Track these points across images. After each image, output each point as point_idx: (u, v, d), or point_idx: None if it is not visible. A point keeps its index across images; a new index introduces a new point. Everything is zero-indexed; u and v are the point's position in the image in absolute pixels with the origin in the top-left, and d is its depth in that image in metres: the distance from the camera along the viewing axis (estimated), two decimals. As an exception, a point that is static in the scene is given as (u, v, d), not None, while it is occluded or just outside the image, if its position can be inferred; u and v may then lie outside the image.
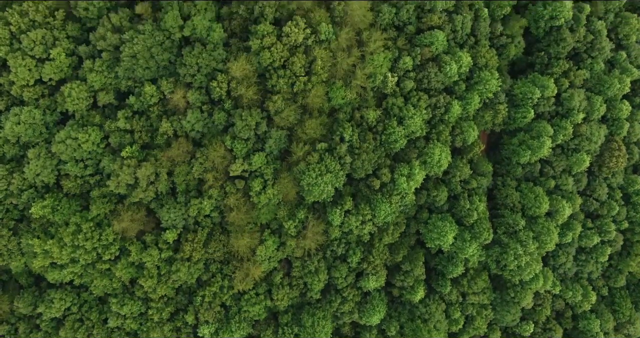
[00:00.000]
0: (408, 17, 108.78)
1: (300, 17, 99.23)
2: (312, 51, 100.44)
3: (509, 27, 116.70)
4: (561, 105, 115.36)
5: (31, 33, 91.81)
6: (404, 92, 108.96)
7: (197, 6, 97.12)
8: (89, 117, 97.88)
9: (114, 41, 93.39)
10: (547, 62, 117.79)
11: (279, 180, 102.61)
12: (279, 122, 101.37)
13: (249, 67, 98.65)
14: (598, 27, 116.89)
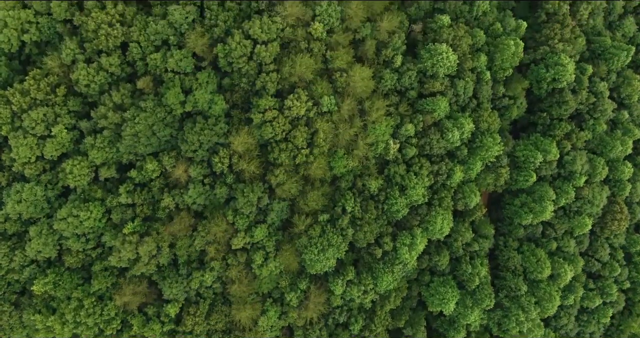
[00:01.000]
0: (410, 82, 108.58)
1: (302, 90, 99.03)
2: (314, 123, 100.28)
3: (511, 88, 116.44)
4: (563, 167, 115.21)
5: (32, 112, 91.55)
6: (405, 158, 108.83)
7: (198, 80, 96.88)
8: (90, 191, 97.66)
9: (115, 120, 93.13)
10: (549, 123, 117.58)
11: (280, 252, 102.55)
12: (280, 194, 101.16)
13: (250, 141, 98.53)
14: (600, 89, 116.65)
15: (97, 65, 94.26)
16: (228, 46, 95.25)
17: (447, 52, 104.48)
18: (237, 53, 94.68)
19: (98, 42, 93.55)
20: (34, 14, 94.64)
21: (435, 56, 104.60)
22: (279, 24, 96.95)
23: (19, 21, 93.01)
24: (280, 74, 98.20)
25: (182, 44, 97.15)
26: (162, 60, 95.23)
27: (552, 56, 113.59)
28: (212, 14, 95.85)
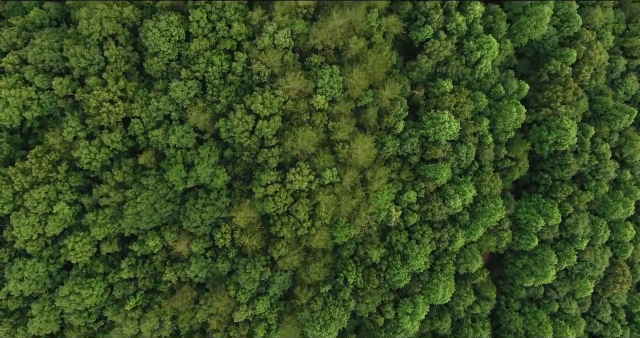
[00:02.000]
0: (412, 149, 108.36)
1: (303, 163, 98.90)
2: (315, 195, 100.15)
3: (513, 150, 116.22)
4: (565, 230, 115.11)
5: (34, 191, 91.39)
6: (407, 225, 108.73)
7: (200, 154, 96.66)
8: (92, 266, 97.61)
9: (117, 199, 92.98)
10: (552, 184, 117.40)
11: (282, 323, 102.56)
12: (282, 266, 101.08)
13: (252, 214, 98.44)
14: (602, 150, 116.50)
15: (99, 142, 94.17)
16: (230, 122, 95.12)
17: (450, 120, 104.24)
18: (239, 129, 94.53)
19: (100, 119, 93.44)
20: (35, 91, 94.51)
21: (437, 125, 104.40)
22: (280, 97, 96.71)
23: (21, 99, 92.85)
24: (282, 147, 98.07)
25: (183, 119, 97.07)
26: (163, 136, 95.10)
27: (554, 119, 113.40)
28: (214, 91, 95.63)
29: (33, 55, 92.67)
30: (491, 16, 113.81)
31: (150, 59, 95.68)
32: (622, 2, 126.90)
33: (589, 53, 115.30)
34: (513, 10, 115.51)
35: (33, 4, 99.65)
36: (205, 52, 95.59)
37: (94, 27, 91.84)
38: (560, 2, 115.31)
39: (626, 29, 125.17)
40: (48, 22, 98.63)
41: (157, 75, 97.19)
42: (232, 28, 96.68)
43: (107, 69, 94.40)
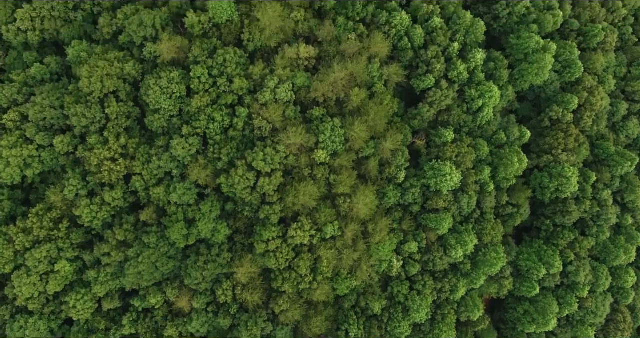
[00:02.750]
0: (414, 199, 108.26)
1: (305, 218, 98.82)
2: (317, 250, 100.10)
3: (514, 197, 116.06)
4: (567, 277, 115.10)
5: (35, 251, 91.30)
6: (409, 274, 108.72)
7: (202, 210, 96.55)
8: (94, 322, 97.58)
9: (119, 258, 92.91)
10: (553, 230, 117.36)
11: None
12: (284, 320, 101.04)
13: (254, 269, 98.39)
14: (604, 197, 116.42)
15: (100, 200, 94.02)
16: (231, 178, 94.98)
17: (451, 172, 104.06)
18: (240, 186, 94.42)
19: (101, 176, 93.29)
20: (36, 148, 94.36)
21: (439, 176, 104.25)
22: (282, 153, 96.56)
23: (22, 158, 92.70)
24: (283, 202, 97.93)
25: (185, 175, 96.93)
26: (165, 194, 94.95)
27: (556, 166, 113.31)
28: (215, 147, 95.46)
29: (34, 114, 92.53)
30: (492, 63, 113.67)
31: (152, 115, 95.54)
32: (624, 44, 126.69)
33: (590, 99, 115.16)
34: (514, 56, 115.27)
35: (34, 58, 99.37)
36: (207, 108, 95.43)
37: (95, 85, 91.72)
38: (562, 49, 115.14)
39: (627, 72, 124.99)
40: (49, 77, 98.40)
41: (159, 131, 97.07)
42: (233, 83, 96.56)
43: (108, 126, 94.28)
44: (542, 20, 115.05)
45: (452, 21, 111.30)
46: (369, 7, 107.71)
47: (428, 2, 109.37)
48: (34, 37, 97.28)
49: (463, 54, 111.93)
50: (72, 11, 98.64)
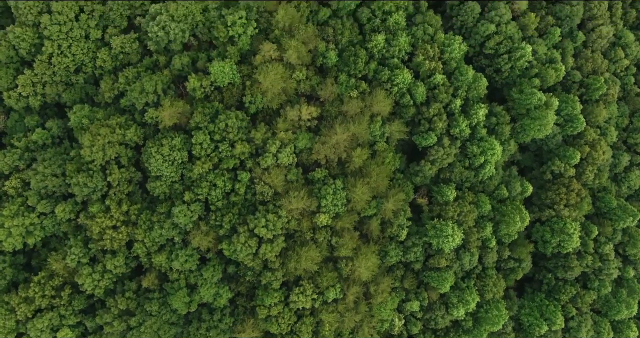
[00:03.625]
0: (416, 257, 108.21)
1: (307, 282, 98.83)
2: (319, 313, 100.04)
3: (516, 251, 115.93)
4: (568, 332, 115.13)
5: (37, 321, 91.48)
6: (410, 333, 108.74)
7: (203, 276, 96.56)
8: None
9: (121, 328, 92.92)
10: (554, 283, 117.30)
11: None
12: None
13: (256, 333, 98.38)
14: (606, 251, 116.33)
15: (102, 267, 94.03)
16: (233, 245, 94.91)
17: (453, 232, 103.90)
18: (242, 253, 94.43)
19: (103, 244, 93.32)
20: (37, 216, 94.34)
21: (441, 236, 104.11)
22: (284, 218, 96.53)
23: (23, 227, 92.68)
24: (285, 267, 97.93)
25: (186, 241, 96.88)
26: (167, 260, 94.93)
27: (557, 221, 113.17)
28: (217, 215, 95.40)
29: (36, 183, 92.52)
30: (494, 118, 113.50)
31: (153, 182, 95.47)
32: (626, 94, 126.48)
33: (592, 154, 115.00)
34: (516, 109, 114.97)
35: (35, 122, 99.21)
36: (208, 174, 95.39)
37: (97, 154, 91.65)
38: (564, 103, 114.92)
39: (629, 123, 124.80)
40: (50, 141, 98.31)
41: (160, 196, 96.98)
42: (235, 148, 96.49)
43: (109, 194, 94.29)
44: (544, 75, 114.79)
45: (454, 76, 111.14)
46: (370, 64, 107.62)
47: (430, 60, 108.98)
48: (35, 102, 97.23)
49: (465, 109, 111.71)
50: (73, 74, 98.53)
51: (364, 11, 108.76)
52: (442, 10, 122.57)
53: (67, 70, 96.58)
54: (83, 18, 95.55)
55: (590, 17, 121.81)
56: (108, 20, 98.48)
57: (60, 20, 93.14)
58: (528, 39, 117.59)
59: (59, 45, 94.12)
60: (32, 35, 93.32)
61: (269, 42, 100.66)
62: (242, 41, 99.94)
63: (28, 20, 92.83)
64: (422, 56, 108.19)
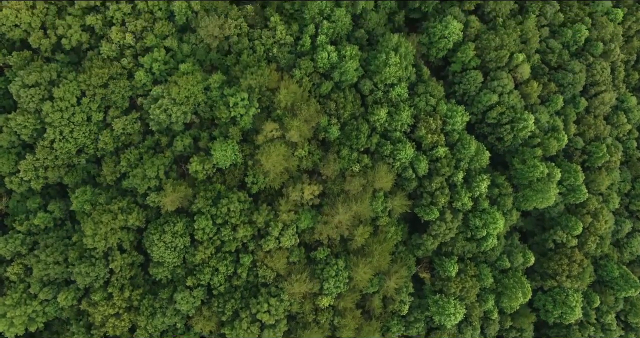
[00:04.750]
0: (418, 332, 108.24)
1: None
2: None
3: (518, 321, 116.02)
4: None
5: None
6: None
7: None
8: None
9: None
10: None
11: None
12: None
13: None
14: (608, 321, 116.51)
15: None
16: (235, 330, 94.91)
17: (455, 310, 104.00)
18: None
19: (105, 330, 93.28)
20: (40, 303, 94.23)
21: (443, 314, 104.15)
22: (286, 302, 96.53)
23: (26, 315, 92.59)
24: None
25: (189, 325, 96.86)
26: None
27: (559, 292, 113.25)
28: (220, 301, 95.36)
29: (38, 271, 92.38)
30: (497, 189, 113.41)
31: (156, 268, 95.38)
32: (628, 158, 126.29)
33: (595, 224, 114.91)
34: (519, 178, 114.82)
35: (37, 204, 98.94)
36: (210, 260, 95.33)
37: (99, 243, 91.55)
38: (567, 173, 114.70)
39: (632, 188, 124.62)
40: (52, 224, 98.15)
41: (163, 280, 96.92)
42: (237, 231, 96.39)
43: (112, 280, 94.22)
44: (547, 145, 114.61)
45: (456, 148, 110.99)
46: (373, 138, 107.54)
47: (432, 133, 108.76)
48: (37, 185, 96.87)
49: (467, 179, 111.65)
50: (75, 156, 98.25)
51: (366, 84, 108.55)
52: (444, 75, 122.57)
53: (68, 153, 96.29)
54: (85, 101, 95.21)
55: (593, 82, 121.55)
56: (110, 101, 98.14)
57: (62, 106, 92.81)
58: (530, 107, 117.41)
59: (61, 131, 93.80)
60: (33, 121, 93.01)
61: (271, 122, 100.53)
62: (244, 121, 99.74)
63: (30, 107, 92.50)
64: (424, 130, 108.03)
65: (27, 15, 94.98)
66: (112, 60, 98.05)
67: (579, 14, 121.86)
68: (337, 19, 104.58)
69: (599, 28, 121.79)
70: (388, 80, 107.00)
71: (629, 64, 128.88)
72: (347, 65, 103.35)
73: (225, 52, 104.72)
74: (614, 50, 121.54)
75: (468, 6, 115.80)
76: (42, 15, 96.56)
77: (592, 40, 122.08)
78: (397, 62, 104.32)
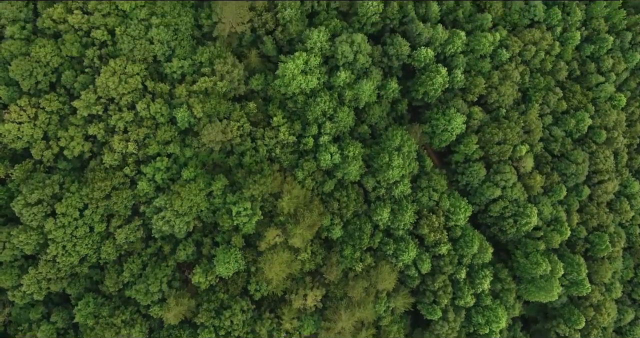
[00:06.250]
0: None
1: None
2: None
3: None
4: None
5: None
6: None
7: None
8: None
9: None
10: None
11: None
12: None
13: None
14: None
15: None
16: None
17: None
18: None
19: None
20: None
21: None
22: None
23: None
24: None
25: None
26: None
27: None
28: None
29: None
30: (499, 284, 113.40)
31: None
32: (631, 244, 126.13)
33: (597, 317, 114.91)
34: (521, 271, 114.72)
35: (40, 314, 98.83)
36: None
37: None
38: (569, 267, 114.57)
39: (634, 276, 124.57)
40: (56, 335, 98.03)
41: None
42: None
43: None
44: (550, 238, 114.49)
45: (459, 244, 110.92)
46: (375, 237, 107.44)
47: (435, 231, 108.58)
48: (39, 296, 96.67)
49: (470, 273, 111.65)
50: (78, 265, 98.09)
51: (369, 181, 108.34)
52: (447, 161, 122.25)
53: (71, 264, 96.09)
54: (87, 214, 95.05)
55: (596, 170, 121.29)
56: (112, 210, 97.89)
57: (65, 222, 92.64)
58: (533, 198, 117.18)
59: (64, 246, 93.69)
60: (36, 237, 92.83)
61: (273, 228, 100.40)
62: (246, 228, 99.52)
63: (32, 224, 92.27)
64: (427, 228, 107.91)
65: (29, 127, 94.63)
66: (114, 168, 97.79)
67: (582, 101, 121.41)
68: (340, 120, 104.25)
69: (602, 115, 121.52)
70: (391, 180, 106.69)
71: (632, 147, 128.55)
72: (350, 168, 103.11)
73: (227, 152, 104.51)
74: (617, 138, 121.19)
75: (471, 97, 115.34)
76: (44, 125, 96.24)
77: (595, 127, 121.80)
78: (400, 164, 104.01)
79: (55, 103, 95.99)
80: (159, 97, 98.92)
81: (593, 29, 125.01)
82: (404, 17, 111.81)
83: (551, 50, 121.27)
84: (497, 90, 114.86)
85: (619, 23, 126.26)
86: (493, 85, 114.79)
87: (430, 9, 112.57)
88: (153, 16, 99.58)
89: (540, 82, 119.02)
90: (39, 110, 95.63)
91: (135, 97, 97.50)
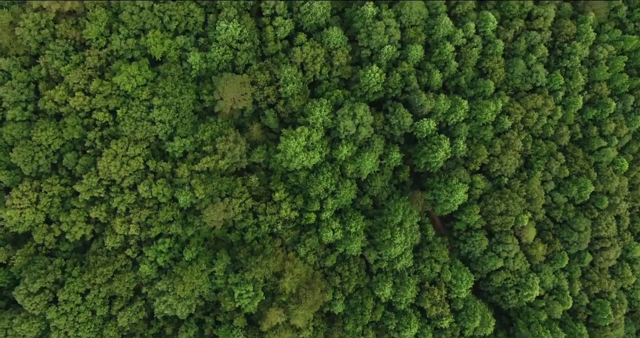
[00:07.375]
0: None
1: None
2: None
3: None
4: None
5: None
6: None
7: None
8: None
9: None
10: None
11: None
12: None
13: None
14: None
15: None
16: None
17: None
18: None
19: None
20: None
21: None
22: None
23: None
24: None
25: None
26: None
27: None
28: None
29: None
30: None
31: None
32: (634, 309, 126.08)
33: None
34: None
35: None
36: None
37: None
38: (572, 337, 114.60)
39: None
40: None
41: None
42: None
43: None
44: (551, 307, 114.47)
45: (460, 316, 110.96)
46: (377, 311, 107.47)
47: (437, 305, 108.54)
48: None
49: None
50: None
51: (371, 254, 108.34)
52: (449, 227, 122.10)
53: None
54: (89, 298, 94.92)
55: (598, 237, 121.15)
56: (114, 292, 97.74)
57: (67, 309, 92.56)
58: (535, 267, 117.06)
59: (66, 332, 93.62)
60: (38, 325, 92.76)
61: (275, 308, 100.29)
62: (248, 308, 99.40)
63: (34, 312, 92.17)
64: (429, 303, 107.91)
65: (31, 212, 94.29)
66: (116, 250, 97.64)
67: (584, 166, 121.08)
68: (342, 196, 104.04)
69: (604, 181, 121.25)
70: (393, 256, 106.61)
71: (634, 210, 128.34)
72: (352, 245, 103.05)
73: (229, 227, 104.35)
74: (619, 204, 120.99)
75: (473, 166, 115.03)
76: (46, 209, 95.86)
77: (598, 193, 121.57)
78: (402, 241, 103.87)
79: (57, 186, 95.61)
80: (160, 176, 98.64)
81: (595, 92, 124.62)
82: (406, 86, 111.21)
83: (553, 115, 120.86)
84: (499, 159, 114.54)
85: (621, 86, 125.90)
86: (495, 154, 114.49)
87: (433, 78, 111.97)
88: (155, 97, 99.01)
89: (543, 148, 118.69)
90: (40, 193, 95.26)
91: (137, 178, 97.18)
